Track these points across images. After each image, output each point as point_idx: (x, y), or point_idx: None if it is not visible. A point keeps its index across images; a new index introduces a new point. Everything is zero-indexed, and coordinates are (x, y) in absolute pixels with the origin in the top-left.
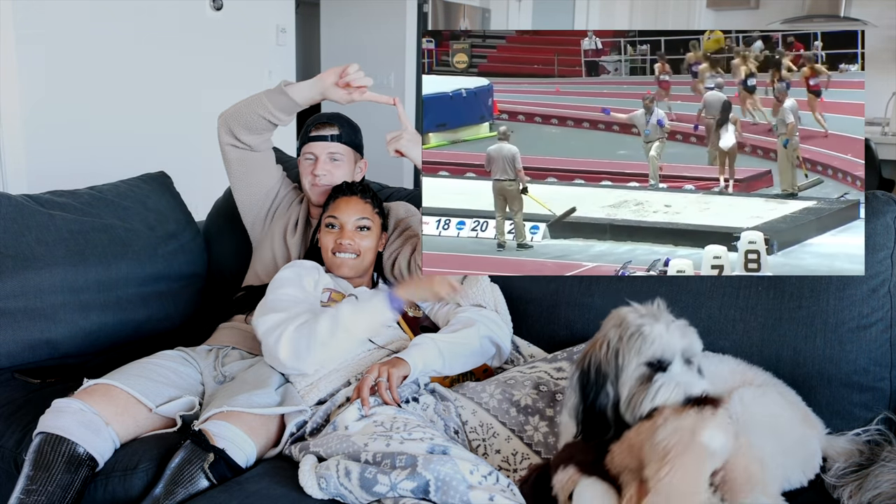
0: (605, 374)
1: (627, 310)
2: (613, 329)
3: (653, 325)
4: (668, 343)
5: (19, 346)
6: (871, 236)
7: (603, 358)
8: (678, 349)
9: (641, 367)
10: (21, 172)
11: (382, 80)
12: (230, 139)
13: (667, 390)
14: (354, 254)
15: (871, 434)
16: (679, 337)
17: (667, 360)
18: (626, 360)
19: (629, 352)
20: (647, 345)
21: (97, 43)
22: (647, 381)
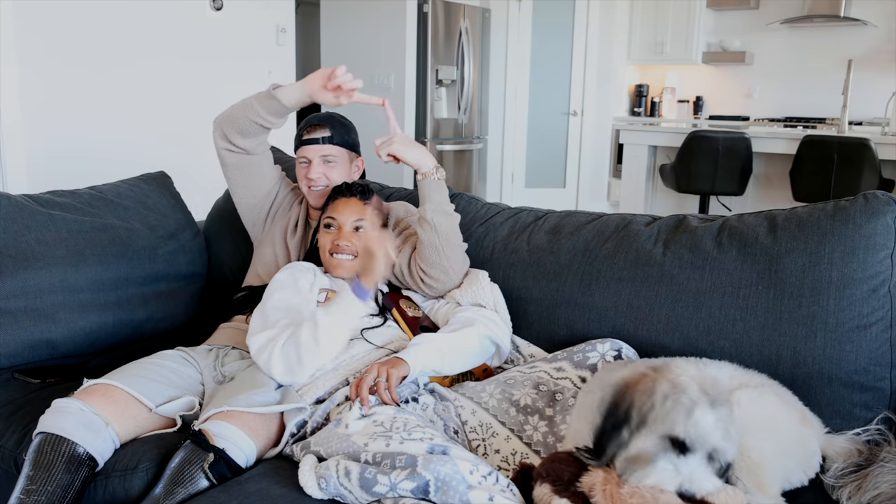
0: (631, 418)
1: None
2: (667, 385)
3: (705, 412)
4: (706, 435)
5: (19, 346)
6: (871, 236)
7: (638, 404)
8: (709, 446)
9: (664, 438)
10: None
11: (382, 81)
12: (225, 143)
13: (665, 476)
14: (352, 255)
15: (870, 434)
16: (720, 438)
17: (692, 447)
18: (657, 424)
19: (664, 418)
20: (687, 425)
21: (97, 43)
22: (657, 453)
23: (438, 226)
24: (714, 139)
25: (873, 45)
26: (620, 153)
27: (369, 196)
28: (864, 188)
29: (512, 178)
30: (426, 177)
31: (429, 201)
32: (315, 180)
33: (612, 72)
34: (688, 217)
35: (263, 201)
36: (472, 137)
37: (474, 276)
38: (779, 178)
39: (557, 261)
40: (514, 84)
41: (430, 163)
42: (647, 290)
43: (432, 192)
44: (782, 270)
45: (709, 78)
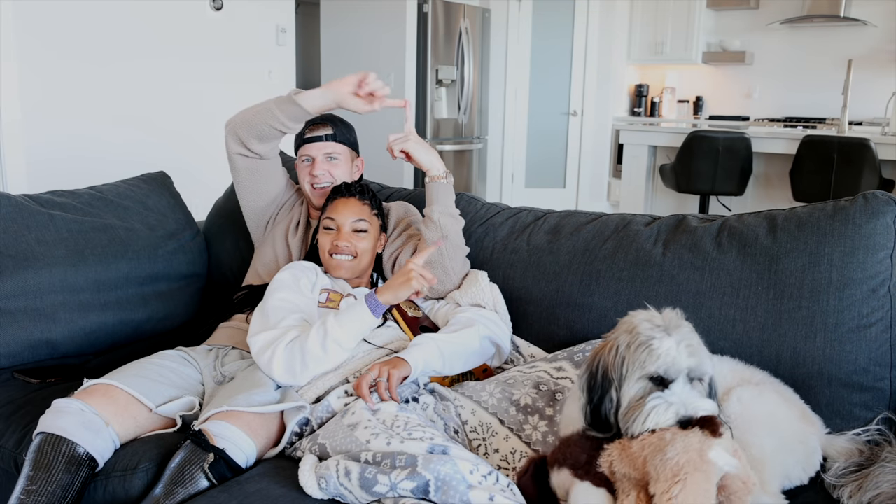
0: (611, 379)
1: (643, 316)
2: (624, 335)
3: (662, 340)
4: (675, 361)
5: (19, 346)
6: (871, 236)
7: (610, 362)
8: (683, 368)
9: (643, 380)
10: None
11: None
12: (240, 148)
13: (659, 412)
14: (351, 255)
15: (871, 434)
16: (687, 356)
17: (670, 377)
18: (630, 370)
19: (633, 363)
20: (653, 360)
21: (97, 43)
22: (647, 395)
23: (445, 227)
24: (714, 139)
25: (873, 45)
26: (620, 153)
27: (367, 196)
28: (864, 188)
29: (512, 178)
30: (436, 179)
31: (437, 202)
32: (319, 177)
33: (612, 72)
34: (688, 217)
35: (270, 205)
36: (472, 137)
37: (474, 277)
38: (779, 178)
39: (557, 261)
40: (514, 84)
41: (440, 166)
42: (646, 291)
43: (441, 194)
44: (782, 271)
45: (709, 78)
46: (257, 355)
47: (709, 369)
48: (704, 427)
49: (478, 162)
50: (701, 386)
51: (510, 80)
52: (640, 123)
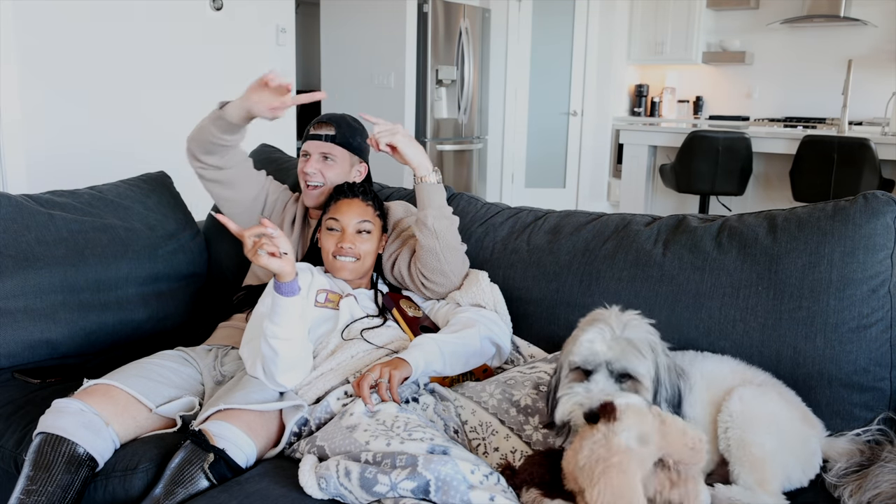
0: (557, 370)
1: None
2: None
3: (587, 332)
4: (592, 352)
5: (19, 346)
6: (870, 236)
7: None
8: (601, 360)
9: (573, 372)
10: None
11: (382, 81)
12: (196, 163)
13: (564, 403)
14: (355, 257)
15: (871, 434)
16: (605, 349)
17: (588, 368)
18: (564, 361)
19: (566, 354)
20: (575, 350)
21: (97, 43)
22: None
23: (439, 231)
24: (714, 139)
25: (873, 45)
26: (620, 153)
27: (370, 197)
28: (864, 188)
29: (512, 178)
30: (424, 180)
31: (430, 206)
32: (310, 176)
33: (612, 72)
34: (688, 217)
35: (251, 208)
36: (472, 137)
37: (474, 277)
38: (779, 178)
39: (557, 261)
40: (514, 84)
41: (428, 164)
42: (647, 291)
43: (433, 195)
44: (782, 271)
45: (709, 78)
46: (249, 371)
47: (636, 366)
48: (603, 416)
49: (478, 162)
50: (636, 384)
51: (510, 80)
52: (640, 123)
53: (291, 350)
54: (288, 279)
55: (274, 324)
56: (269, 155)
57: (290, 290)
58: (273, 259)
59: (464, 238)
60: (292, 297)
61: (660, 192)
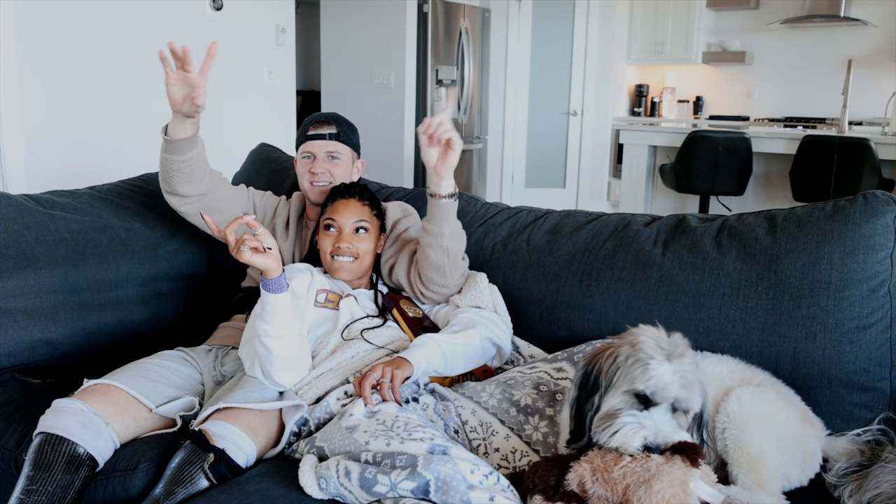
0: (600, 384)
1: (651, 334)
2: (627, 346)
3: (660, 364)
4: (665, 387)
5: (19, 346)
6: (870, 236)
7: (605, 368)
8: (671, 396)
9: (629, 395)
10: (21, 172)
11: (382, 80)
12: (181, 200)
13: (627, 431)
14: (352, 257)
15: (871, 434)
16: (679, 386)
17: (655, 400)
18: (620, 381)
19: (625, 375)
20: (644, 378)
21: (97, 43)
22: (624, 409)
23: (451, 250)
24: (714, 139)
25: (873, 45)
26: (620, 153)
27: (367, 196)
28: (864, 188)
29: (512, 178)
30: (451, 197)
31: (447, 225)
32: (319, 175)
33: (612, 72)
34: (687, 217)
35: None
36: (472, 137)
37: (473, 279)
38: (779, 178)
39: (557, 261)
40: (514, 84)
41: (453, 179)
42: (646, 291)
43: (451, 214)
44: (782, 271)
45: (709, 78)
46: (248, 372)
47: (696, 405)
48: (684, 454)
49: (478, 162)
50: (684, 419)
51: (510, 80)
52: (640, 123)
53: (285, 348)
54: (274, 275)
55: (265, 322)
56: (269, 154)
57: (277, 287)
58: (257, 255)
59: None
60: (280, 294)
61: (660, 192)
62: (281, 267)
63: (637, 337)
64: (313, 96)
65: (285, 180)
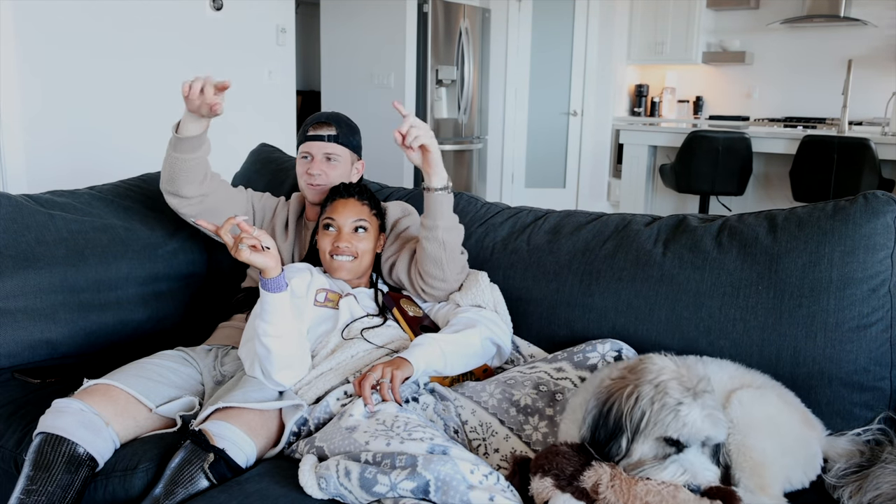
0: (623, 428)
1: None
2: (649, 387)
3: (690, 408)
4: (698, 430)
5: (19, 346)
6: (870, 236)
7: (626, 411)
8: (703, 437)
9: (659, 441)
10: (21, 172)
11: (382, 81)
12: (182, 201)
13: (674, 473)
14: (352, 256)
15: (872, 433)
16: (710, 426)
17: (689, 443)
18: (650, 429)
19: (656, 423)
20: (677, 426)
21: (97, 43)
22: (660, 455)
23: (447, 243)
24: (714, 139)
25: (873, 45)
26: (620, 153)
27: (366, 196)
28: (864, 188)
29: (512, 178)
30: (443, 190)
31: (442, 218)
32: (315, 177)
33: (612, 72)
34: (688, 217)
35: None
36: (472, 137)
37: (474, 278)
38: (779, 178)
39: (557, 261)
40: (514, 84)
41: (444, 172)
42: (647, 290)
43: (445, 207)
44: (782, 270)
45: (709, 78)
46: (248, 372)
47: (723, 437)
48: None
49: (478, 162)
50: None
51: (510, 80)
52: (640, 123)
53: (284, 347)
54: (273, 274)
55: (264, 321)
56: (269, 155)
57: (276, 286)
58: (256, 254)
59: (464, 238)
60: (279, 293)
61: (660, 192)
62: (280, 266)
63: (658, 376)
64: (313, 96)
65: (285, 181)
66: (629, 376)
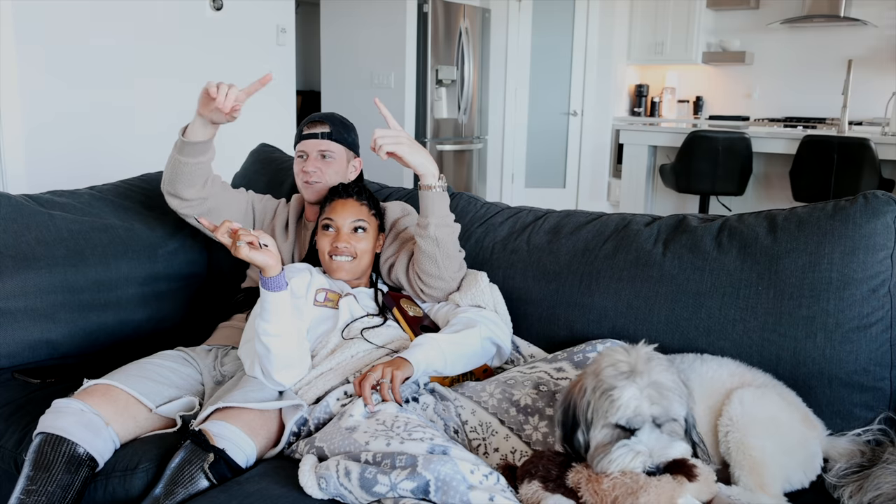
0: (579, 421)
1: (609, 360)
2: (591, 377)
3: (623, 389)
4: (636, 410)
5: (19, 346)
6: (870, 236)
7: (579, 405)
8: (647, 416)
9: (608, 427)
10: (21, 172)
11: (382, 80)
12: (182, 203)
13: (625, 460)
14: (351, 256)
15: (872, 433)
16: (649, 404)
17: (634, 426)
18: (596, 417)
19: (598, 411)
20: (614, 409)
21: (97, 43)
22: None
23: (440, 239)
24: (714, 139)
25: (873, 45)
26: (620, 153)
27: (365, 196)
28: (864, 188)
29: (512, 178)
30: (430, 188)
31: (433, 215)
32: (311, 174)
33: (612, 72)
34: (688, 217)
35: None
36: (472, 137)
37: (473, 278)
38: (779, 178)
39: (557, 261)
40: (514, 84)
41: (434, 170)
42: (647, 290)
43: (436, 204)
44: (782, 271)
45: (709, 78)
46: (248, 372)
47: (678, 410)
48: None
49: (478, 162)
50: (675, 425)
51: (510, 80)
52: (640, 123)
53: (284, 347)
54: (273, 273)
55: (264, 321)
56: (269, 155)
57: (276, 285)
58: (255, 252)
59: (464, 238)
60: (280, 293)
61: (660, 192)
62: (280, 265)
63: (598, 364)
64: (313, 96)
65: (285, 181)
66: (582, 373)
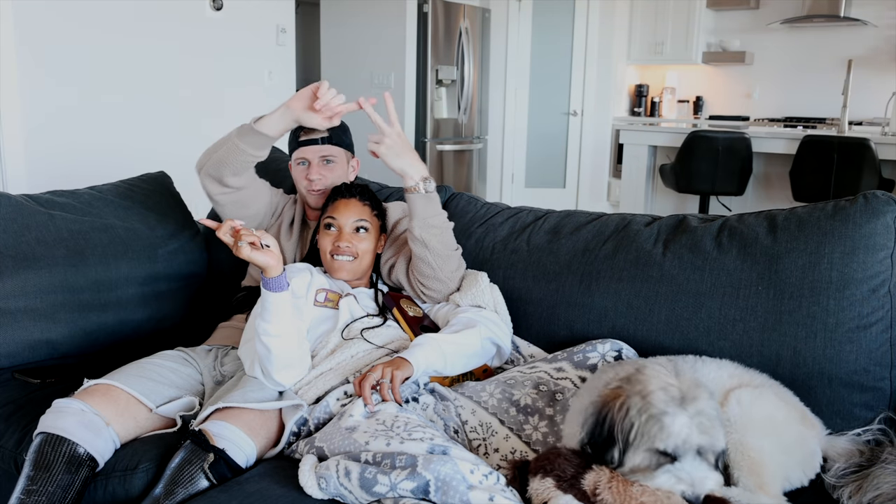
0: (616, 438)
1: (658, 384)
2: (637, 398)
3: (675, 417)
4: (686, 440)
5: (19, 346)
6: (870, 236)
7: (618, 422)
8: (694, 445)
9: (650, 452)
10: (21, 172)
11: (382, 80)
12: (219, 188)
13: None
14: (352, 256)
15: (872, 433)
16: (698, 433)
17: (679, 454)
18: (639, 440)
19: (643, 435)
20: (664, 436)
21: (97, 43)
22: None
23: (427, 241)
24: (714, 139)
25: (873, 45)
26: (620, 153)
27: (367, 196)
28: (864, 188)
29: (512, 178)
30: (412, 191)
31: (415, 217)
32: (315, 182)
33: (612, 72)
34: (688, 217)
35: (263, 222)
36: (472, 137)
37: (473, 278)
38: (779, 178)
39: (557, 261)
40: (514, 84)
41: (415, 173)
42: (647, 291)
43: (418, 206)
44: (782, 271)
45: (709, 78)
46: (247, 372)
47: (720, 444)
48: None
49: (478, 162)
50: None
51: (510, 80)
52: (640, 123)
53: (284, 347)
54: (274, 273)
55: (265, 321)
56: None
57: (277, 286)
58: (256, 252)
59: (464, 238)
60: (281, 293)
61: (660, 192)
62: (282, 265)
63: (646, 386)
64: None
65: (285, 180)
66: (625, 387)
